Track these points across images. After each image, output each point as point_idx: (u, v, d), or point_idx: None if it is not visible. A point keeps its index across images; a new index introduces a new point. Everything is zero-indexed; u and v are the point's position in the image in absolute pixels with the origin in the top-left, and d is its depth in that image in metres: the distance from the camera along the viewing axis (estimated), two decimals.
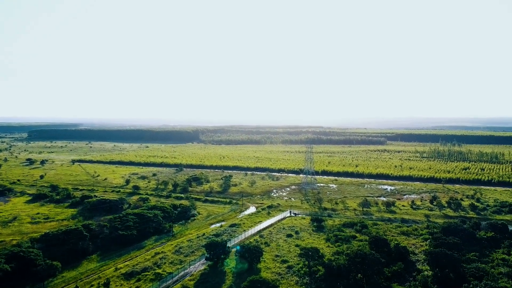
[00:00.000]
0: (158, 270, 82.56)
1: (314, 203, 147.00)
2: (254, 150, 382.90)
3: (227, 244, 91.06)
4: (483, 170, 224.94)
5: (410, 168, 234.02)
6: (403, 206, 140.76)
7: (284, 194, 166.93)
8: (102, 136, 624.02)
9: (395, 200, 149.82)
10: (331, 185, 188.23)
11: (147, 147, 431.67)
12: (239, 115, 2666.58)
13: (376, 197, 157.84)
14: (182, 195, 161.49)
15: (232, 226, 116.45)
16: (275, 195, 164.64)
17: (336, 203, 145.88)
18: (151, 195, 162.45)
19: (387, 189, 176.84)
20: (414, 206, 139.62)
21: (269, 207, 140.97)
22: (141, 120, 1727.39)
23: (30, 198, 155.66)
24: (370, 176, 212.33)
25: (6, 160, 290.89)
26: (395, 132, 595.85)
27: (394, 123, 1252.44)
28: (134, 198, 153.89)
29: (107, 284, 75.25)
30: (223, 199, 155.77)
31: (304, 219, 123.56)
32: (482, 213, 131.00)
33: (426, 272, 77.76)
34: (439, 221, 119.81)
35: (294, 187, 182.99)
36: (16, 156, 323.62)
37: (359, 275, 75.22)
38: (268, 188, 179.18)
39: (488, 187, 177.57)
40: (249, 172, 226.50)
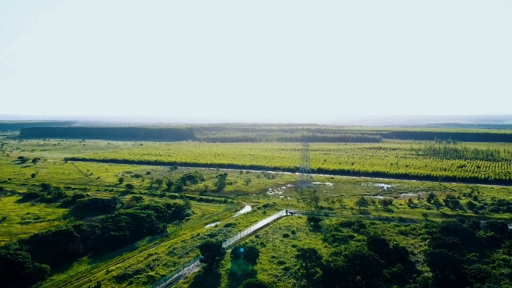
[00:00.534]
0: (151, 273, 80.00)
1: (311, 202, 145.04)
2: (249, 148, 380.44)
3: (222, 244, 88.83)
4: (479, 167, 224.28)
5: (406, 166, 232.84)
6: (400, 204, 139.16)
7: (280, 192, 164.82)
8: (96, 133, 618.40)
9: (392, 198, 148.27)
10: (327, 183, 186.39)
11: (141, 145, 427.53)
12: (233, 112, 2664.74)
13: (373, 195, 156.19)
14: (177, 194, 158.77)
15: (227, 226, 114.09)
16: (271, 193, 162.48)
17: (333, 202, 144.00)
18: (144, 194, 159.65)
19: (383, 187, 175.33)
20: (411, 205, 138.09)
21: (265, 206, 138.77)
22: (135, 118, 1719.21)
23: (20, 198, 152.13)
24: (366, 174, 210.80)
25: None
26: (390, 130, 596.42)
27: (389, 121, 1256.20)
28: (127, 197, 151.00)
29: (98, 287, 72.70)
30: (218, 198, 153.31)
31: (301, 218, 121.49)
32: (480, 211, 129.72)
33: (426, 273, 75.89)
34: (437, 220, 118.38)
35: (290, 185, 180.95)
36: (8, 155, 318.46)
37: (358, 277, 73.24)
38: (264, 186, 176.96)
39: (485, 185, 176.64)
40: (244, 170, 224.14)
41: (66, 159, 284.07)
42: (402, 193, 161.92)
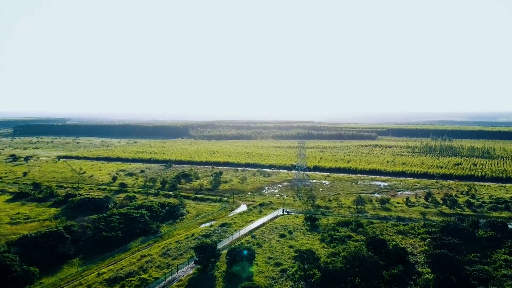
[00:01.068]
0: (144, 275, 77.42)
1: (307, 201, 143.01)
2: (244, 145, 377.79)
3: (218, 245, 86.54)
4: (476, 165, 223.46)
5: (403, 163, 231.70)
6: (398, 203, 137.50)
7: (276, 191, 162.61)
8: (90, 131, 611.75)
9: (390, 197, 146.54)
10: (323, 181, 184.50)
11: (136, 142, 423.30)
12: (228, 109, 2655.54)
13: (370, 193, 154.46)
14: (171, 193, 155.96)
15: (222, 225, 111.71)
16: (266, 192, 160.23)
17: (330, 201, 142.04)
18: (138, 192, 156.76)
19: (380, 185, 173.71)
20: (409, 203, 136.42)
21: (260, 205, 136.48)
22: (130, 115, 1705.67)
23: (11, 197, 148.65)
24: (363, 172, 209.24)
25: None
26: (386, 127, 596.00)
27: (384, 118, 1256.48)
28: (121, 196, 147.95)
29: None
30: (213, 197, 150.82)
31: (297, 217, 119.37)
32: (479, 210, 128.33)
33: (427, 275, 74.03)
34: (436, 218, 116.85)
35: (286, 183, 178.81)
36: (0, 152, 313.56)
37: (357, 279, 71.22)
38: (260, 185, 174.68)
39: (482, 183, 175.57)
40: (239, 168, 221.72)
41: (59, 157, 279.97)
42: (399, 191, 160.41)
